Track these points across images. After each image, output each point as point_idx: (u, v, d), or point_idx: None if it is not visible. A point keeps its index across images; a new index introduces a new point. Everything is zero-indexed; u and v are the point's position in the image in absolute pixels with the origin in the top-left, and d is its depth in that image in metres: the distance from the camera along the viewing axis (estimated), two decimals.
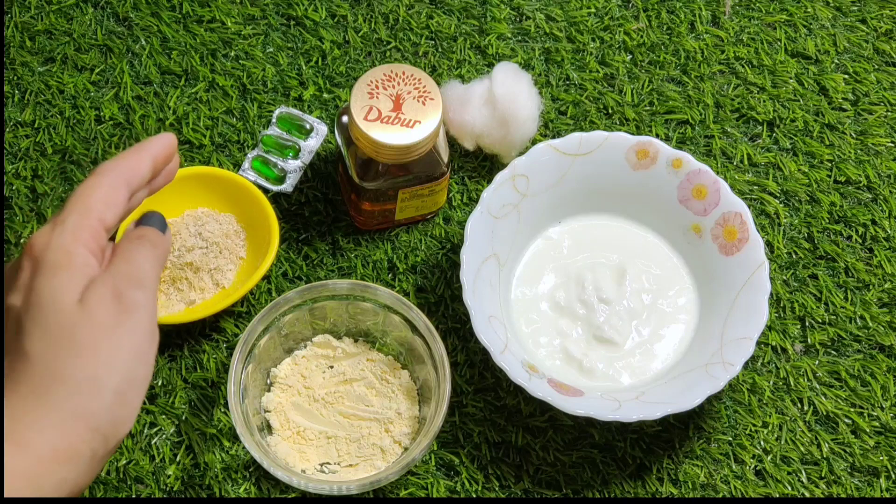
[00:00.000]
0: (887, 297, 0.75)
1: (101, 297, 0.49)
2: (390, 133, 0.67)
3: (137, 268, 0.51)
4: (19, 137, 0.78)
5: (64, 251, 0.49)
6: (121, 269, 0.51)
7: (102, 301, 0.49)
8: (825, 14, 0.85)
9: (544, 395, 0.65)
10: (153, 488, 0.68)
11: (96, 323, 0.49)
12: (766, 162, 0.79)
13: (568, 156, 0.73)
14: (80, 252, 0.50)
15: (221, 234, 0.73)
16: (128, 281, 0.50)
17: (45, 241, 0.50)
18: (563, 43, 0.83)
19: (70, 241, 0.50)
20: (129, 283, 0.50)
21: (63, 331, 0.48)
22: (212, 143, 0.78)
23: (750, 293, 0.69)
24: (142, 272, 0.51)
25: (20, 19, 0.82)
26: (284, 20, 0.83)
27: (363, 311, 0.70)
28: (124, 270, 0.51)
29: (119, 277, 0.50)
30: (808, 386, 0.72)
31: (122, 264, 0.51)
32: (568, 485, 0.69)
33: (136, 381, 0.49)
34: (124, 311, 0.49)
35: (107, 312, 0.49)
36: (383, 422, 0.68)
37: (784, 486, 0.69)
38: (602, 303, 0.72)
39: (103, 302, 0.49)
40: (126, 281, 0.50)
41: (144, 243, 0.53)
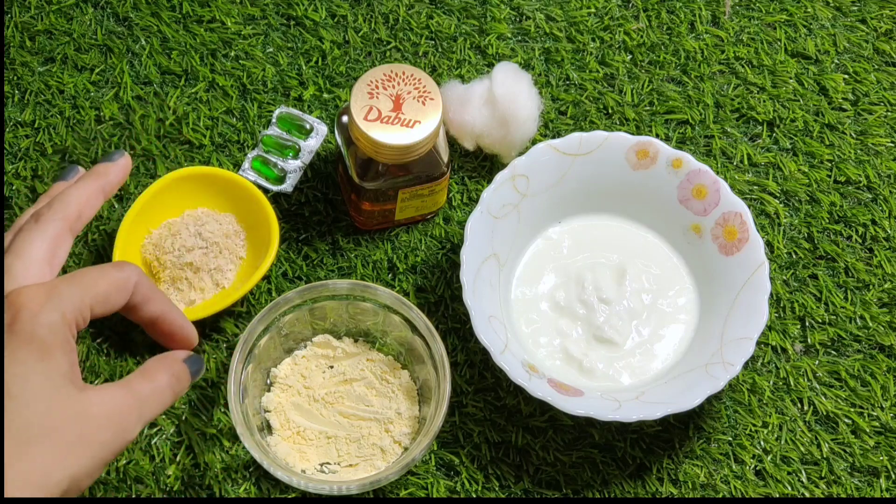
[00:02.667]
0: (887, 297, 0.75)
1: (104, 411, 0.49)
2: (390, 133, 0.67)
3: (154, 405, 0.52)
4: (19, 137, 0.78)
5: (53, 330, 0.49)
6: (142, 392, 0.52)
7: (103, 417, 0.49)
8: (825, 14, 0.85)
9: (544, 395, 0.65)
10: (153, 488, 0.68)
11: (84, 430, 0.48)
12: (766, 162, 0.79)
13: (568, 156, 0.73)
14: (66, 335, 0.49)
15: (221, 234, 0.73)
16: (139, 413, 0.51)
17: (36, 308, 0.49)
18: (563, 43, 0.83)
19: (60, 319, 0.49)
20: (139, 417, 0.51)
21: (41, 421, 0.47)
22: (212, 143, 0.78)
23: (750, 293, 0.69)
24: (154, 413, 0.52)
25: (20, 19, 0.82)
26: (284, 20, 0.83)
27: (363, 311, 0.70)
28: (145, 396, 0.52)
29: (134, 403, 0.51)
30: (808, 386, 0.72)
31: (147, 386, 0.52)
32: (568, 485, 0.69)
33: (75, 491, 0.49)
34: (117, 438, 0.50)
35: (104, 430, 0.49)
36: (383, 422, 0.68)
37: (784, 486, 0.69)
38: (602, 303, 0.72)
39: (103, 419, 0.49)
40: (137, 410, 0.51)
41: (173, 389, 0.54)
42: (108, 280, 0.52)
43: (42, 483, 0.47)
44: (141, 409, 0.51)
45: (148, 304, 0.55)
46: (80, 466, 0.48)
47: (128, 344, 0.71)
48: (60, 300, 0.49)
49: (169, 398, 0.54)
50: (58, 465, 0.47)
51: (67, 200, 0.55)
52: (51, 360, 0.48)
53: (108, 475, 0.68)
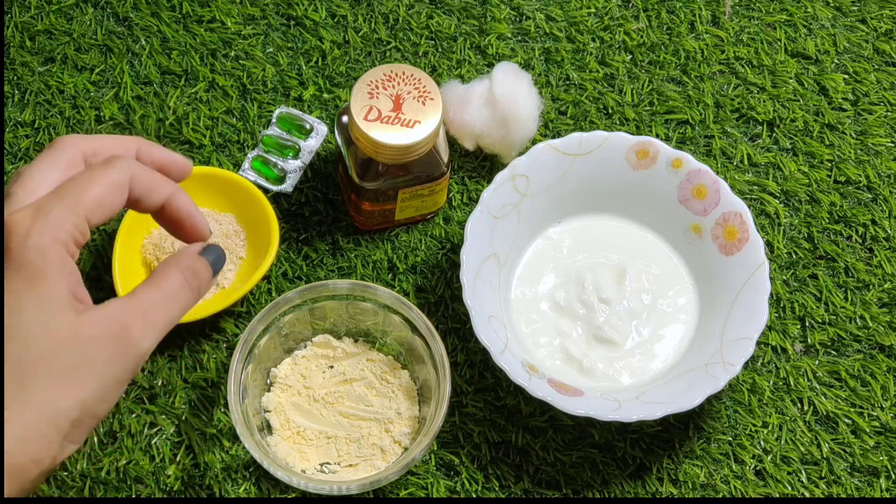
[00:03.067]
0: (887, 297, 0.75)
1: (105, 328, 0.46)
2: (390, 133, 0.67)
3: (166, 309, 0.48)
4: (19, 137, 0.78)
5: (41, 253, 0.45)
6: (146, 301, 0.48)
7: (104, 335, 0.46)
8: (825, 14, 0.85)
9: (544, 395, 0.65)
10: (153, 488, 0.68)
11: (83, 353, 0.45)
12: (766, 162, 0.79)
13: (568, 156, 0.73)
14: (59, 256, 0.46)
15: (221, 234, 0.73)
16: (144, 322, 0.47)
17: (23, 232, 0.46)
18: (563, 43, 0.83)
19: (50, 240, 0.46)
20: (145, 326, 0.47)
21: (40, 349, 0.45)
22: (212, 143, 0.78)
23: (750, 293, 0.69)
24: (168, 318, 0.48)
25: (20, 19, 0.82)
26: (284, 20, 0.83)
27: (363, 311, 0.70)
28: (152, 302, 0.48)
29: (137, 312, 0.47)
30: (808, 386, 0.72)
31: (155, 292, 0.48)
32: (568, 485, 0.69)
33: (91, 419, 0.46)
34: (123, 353, 0.46)
35: (105, 348, 0.46)
36: (383, 422, 0.68)
37: (784, 486, 0.69)
38: (602, 303, 0.72)
39: (104, 337, 0.46)
40: (142, 320, 0.47)
41: (190, 286, 0.50)
42: (98, 183, 0.48)
43: (50, 415, 0.44)
44: (147, 317, 0.48)
45: (151, 194, 0.51)
46: (87, 391, 0.45)
47: None
48: (47, 219, 0.46)
49: (186, 297, 0.50)
50: (62, 393, 0.45)
51: (90, 136, 0.51)
52: (43, 285, 0.45)
53: (107, 475, 0.68)
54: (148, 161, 0.52)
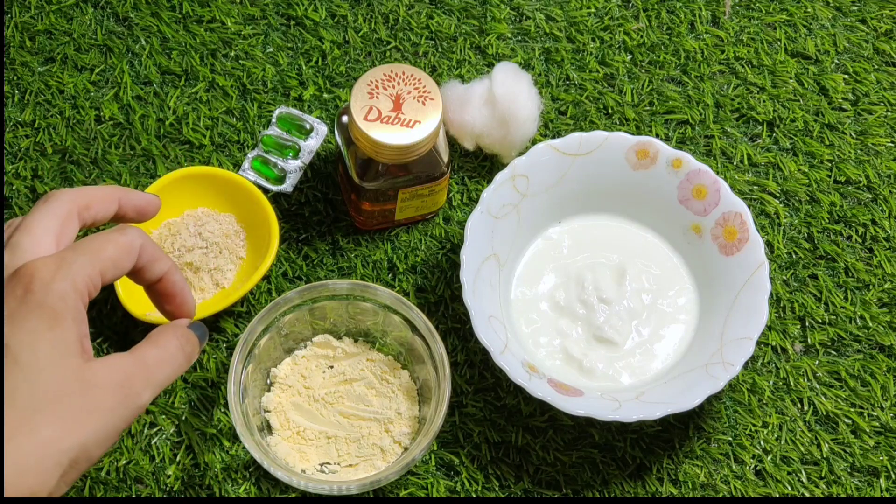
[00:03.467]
0: (887, 297, 0.75)
1: (110, 378, 0.49)
2: (390, 133, 0.67)
3: (164, 369, 0.52)
4: (19, 137, 0.78)
5: (62, 298, 0.48)
6: (148, 358, 0.51)
7: (109, 384, 0.49)
8: (825, 14, 0.85)
9: (544, 395, 0.65)
10: (153, 488, 0.68)
11: (89, 398, 0.48)
12: (766, 162, 0.79)
13: (568, 156, 0.73)
14: (76, 304, 0.49)
15: (221, 234, 0.73)
16: (146, 377, 0.51)
17: (48, 277, 0.49)
18: (563, 43, 0.83)
19: (71, 287, 0.49)
20: (146, 380, 0.50)
21: (51, 388, 0.47)
22: (212, 143, 0.78)
23: (750, 293, 0.69)
24: (166, 375, 0.52)
25: (20, 19, 0.82)
26: (284, 20, 0.83)
27: (363, 311, 0.70)
28: (153, 360, 0.52)
29: (140, 367, 0.51)
30: (808, 386, 0.72)
31: (155, 351, 0.52)
32: (568, 485, 0.69)
33: (86, 462, 0.48)
34: (124, 403, 0.49)
35: (109, 396, 0.49)
36: (383, 422, 0.68)
37: (784, 486, 0.69)
38: (602, 303, 0.72)
39: (109, 386, 0.49)
40: (144, 374, 0.51)
41: (184, 351, 0.54)
42: (114, 245, 0.52)
43: (53, 451, 0.47)
44: (148, 373, 0.51)
45: (154, 264, 0.55)
46: (87, 434, 0.48)
47: (128, 344, 0.71)
48: (70, 269, 0.49)
49: (180, 360, 0.54)
50: (65, 433, 0.47)
51: (80, 189, 0.55)
52: (61, 329, 0.48)
53: (107, 475, 0.68)
54: (130, 206, 0.57)
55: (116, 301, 0.70)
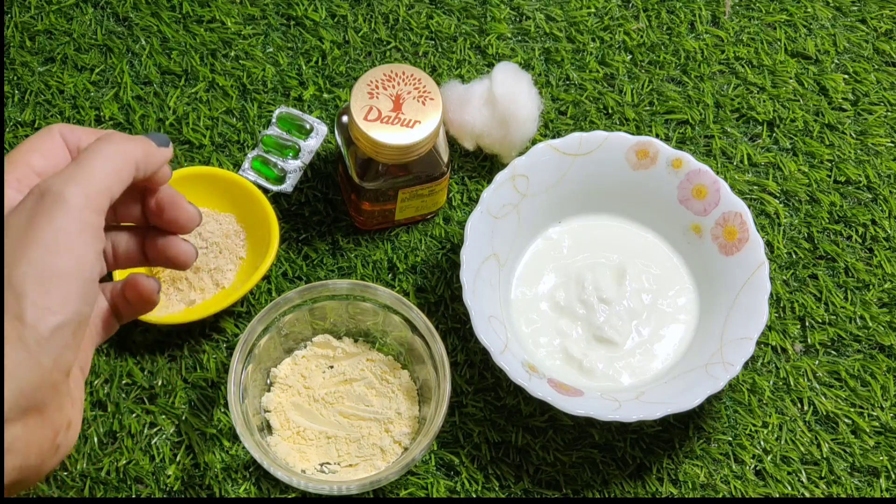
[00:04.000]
0: (887, 297, 0.75)
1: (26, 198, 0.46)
2: (390, 133, 0.67)
3: (86, 168, 0.48)
4: (19, 137, 0.78)
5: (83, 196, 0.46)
6: (72, 165, 0.48)
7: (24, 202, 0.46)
8: (825, 14, 0.85)
9: (544, 395, 0.65)
10: (153, 488, 0.68)
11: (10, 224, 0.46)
12: (766, 162, 0.79)
13: (568, 156, 0.73)
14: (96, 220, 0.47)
15: (221, 234, 0.73)
16: (65, 179, 0.47)
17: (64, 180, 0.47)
18: (563, 43, 0.83)
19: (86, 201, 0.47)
20: (63, 180, 0.47)
21: None
22: (212, 143, 0.78)
23: (750, 293, 0.69)
24: (88, 172, 0.48)
25: (20, 19, 0.82)
26: (284, 20, 0.83)
27: (363, 311, 0.70)
28: (73, 166, 0.48)
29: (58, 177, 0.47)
30: (808, 386, 0.72)
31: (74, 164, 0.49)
32: (568, 485, 0.69)
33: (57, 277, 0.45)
34: (42, 209, 0.46)
35: (22, 209, 0.46)
36: (383, 422, 0.68)
37: (784, 486, 0.69)
38: (602, 303, 0.72)
39: (24, 203, 0.46)
40: (63, 178, 0.47)
41: (109, 144, 0.49)
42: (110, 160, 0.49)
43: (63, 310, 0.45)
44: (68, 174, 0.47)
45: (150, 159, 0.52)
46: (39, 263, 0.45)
47: (128, 344, 0.71)
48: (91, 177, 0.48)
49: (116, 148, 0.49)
50: None
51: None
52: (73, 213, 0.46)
53: (107, 475, 0.68)
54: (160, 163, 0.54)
55: None
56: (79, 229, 0.47)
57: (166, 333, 0.71)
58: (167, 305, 0.71)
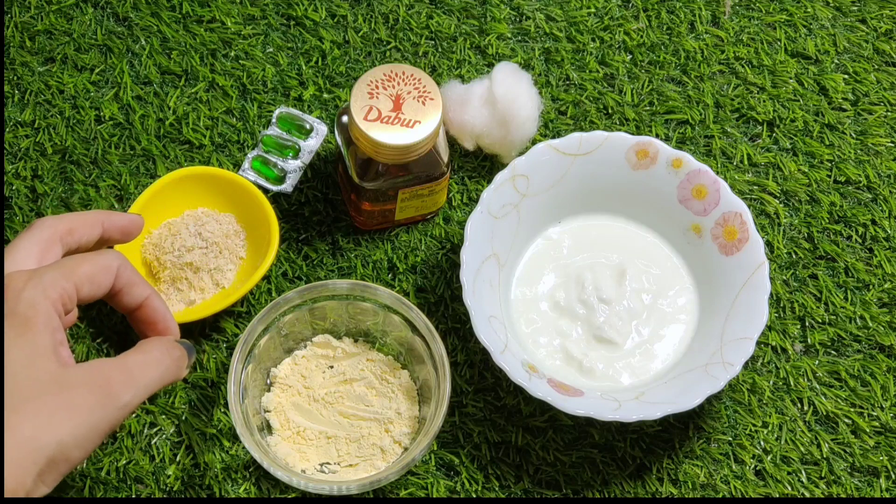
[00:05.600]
0: (887, 297, 0.75)
1: (88, 378, 0.50)
2: (390, 133, 0.67)
3: (148, 372, 0.53)
4: (19, 137, 0.78)
5: (32, 305, 0.50)
6: (130, 361, 0.52)
7: (86, 384, 0.50)
8: (825, 14, 0.85)
9: (544, 395, 0.65)
10: (153, 488, 0.68)
11: (65, 397, 0.49)
12: (766, 162, 0.79)
13: (568, 156, 0.73)
14: (47, 311, 0.50)
15: (221, 234, 0.73)
16: (127, 377, 0.51)
17: (19, 287, 0.50)
18: (563, 43, 0.83)
19: (41, 295, 0.50)
20: (127, 381, 0.51)
21: (26, 388, 0.48)
22: (212, 143, 0.78)
23: (750, 293, 0.69)
24: (150, 378, 0.53)
25: (20, 19, 0.82)
26: (284, 20, 0.83)
27: (363, 311, 0.70)
28: (135, 362, 0.52)
29: (120, 368, 0.51)
30: (808, 386, 0.72)
31: (138, 355, 0.53)
32: (568, 485, 0.69)
33: (65, 463, 0.49)
34: (103, 403, 0.50)
35: (87, 395, 0.49)
36: (383, 422, 0.68)
37: (784, 486, 0.69)
38: (602, 303, 0.72)
39: (87, 386, 0.49)
40: (125, 375, 0.51)
41: (172, 358, 0.55)
42: (90, 262, 0.54)
43: (30, 449, 0.47)
44: (130, 374, 0.52)
45: (133, 288, 0.56)
46: (64, 433, 0.48)
47: (128, 344, 0.71)
48: (42, 279, 0.51)
49: (166, 364, 0.55)
50: (41, 431, 0.47)
51: (63, 216, 0.57)
52: (32, 334, 0.49)
53: (107, 475, 0.68)
54: (114, 228, 0.59)
55: None
56: None
57: None
58: None
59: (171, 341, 0.56)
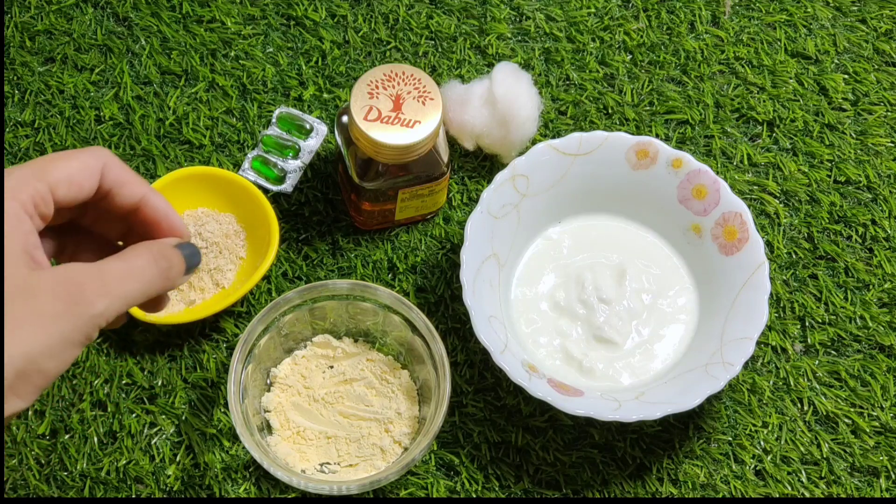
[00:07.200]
0: (887, 297, 0.75)
1: (57, 284, 0.46)
2: (390, 133, 0.67)
3: (126, 280, 0.48)
4: (19, 137, 0.78)
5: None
6: (107, 268, 0.48)
7: (55, 289, 0.45)
8: (825, 14, 0.85)
9: (544, 395, 0.65)
10: (153, 488, 0.68)
11: (31, 304, 0.45)
12: (766, 162, 0.79)
13: (568, 156, 0.73)
14: (15, 212, 0.46)
15: (221, 234, 0.73)
16: (100, 285, 0.47)
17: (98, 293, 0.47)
18: (563, 43, 0.83)
19: (9, 197, 0.46)
20: (100, 288, 0.47)
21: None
22: (212, 143, 0.78)
23: (750, 293, 0.69)
24: (127, 289, 0.48)
25: (20, 19, 0.82)
26: (284, 20, 0.83)
27: (363, 311, 0.70)
28: (112, 270, 0.48)
29: (94, 274, 0.47)
30: (808, 386, 0.72)
31: (117, 262, 0.48)
32: (568, 485, 0.69)
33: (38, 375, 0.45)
34: (73, 311, 0.46)
35: (54, 301, 0.45)
36: (383, 422, 0.68)
37: (784, 486, 0.69)
38: (602, 303, 0.72)
39: (55, 291, 0.45)
40: (98, 282, 0.47)
41: (158, 266, 0.50)
42: (70, 159, 0.49)
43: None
44: (105, 283, 0.47)
45: (124, 187, 0.51)
46: (33, 343, 0.45)
47: (128, 344, 0.71)
48: (9, 179, 0.47)
49: (150, 275, 0.49)
50: (7, 341, 0.44)
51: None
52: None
53: (107, 475, 0.68)
54: None
55: None
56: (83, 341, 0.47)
57: (166, 333, 0.71)
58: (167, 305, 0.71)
59: (163, 246, 0.51)
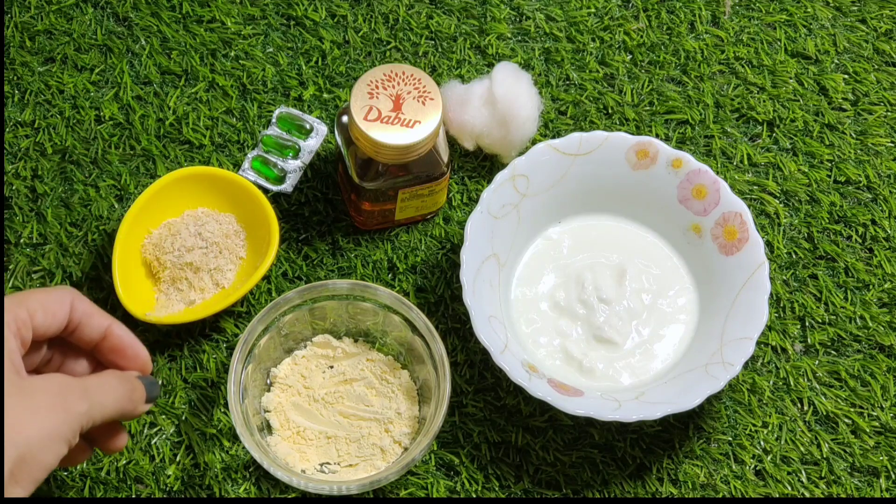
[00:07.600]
0: (887, 297, 0.75)
1: (47, 385, 0.51)
2: (390, 133, 0.67)
3: (102, 391, 0.54)
4: (19, 137, 0.78)
5: None
6: (86, 380, 0.54)
7: (46, 390, 0.51)
8: (825, 14, 0.85)
9: (544, 395, 0.65)
10: (153, 488, 0.68)
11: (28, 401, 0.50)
12: (766, 162, 0.79)
13: (568, 156, 0.73)
14: (8, 338, 0.52)
15: (221, 234, 0.73)
16: (82, 391, 0.53)
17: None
18: (563, 43, 0.83)
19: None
20: (82, 394, 0.52)
21: None
22: (212, 143, 0.78)
23: (750, 293, 0.69)
24: (103, 401, 0.54)
25: (20, 19, 0.82)
26: (284, 20, 0.83)
27: (363, 311, 0.70)
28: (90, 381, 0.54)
29: (76, 383, 0.53)
30: (808, 386, 0.72)
31: (94, 378, 0.55)
32: (568, 485, 0.69)
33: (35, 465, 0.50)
34: (63, 409, 0.51)
35: (47, 398, 0.51)
36: (383, 422, 0.68)
37: (784, 486, 0.69)
38: (602, 303, 0.72)
39: (46, 391, 0.51)
40: (80, 389, 0.53)
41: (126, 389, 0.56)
42: (43, 293, 0.55)
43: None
44: (85, 388, 0.53)
45: (91, 318, 0.57)
46: (31, 431, 0.49)
47: None
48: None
49: (121, 392, 0.55)
50: (9, 428, 0.49)
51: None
52: None
53: (107, 475, 0.68)
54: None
55: (116, 301, 0.70)
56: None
57: (166, 333, 0.71)
58: (167, 305, 0.71)
59: (128, 374, 0.57)
